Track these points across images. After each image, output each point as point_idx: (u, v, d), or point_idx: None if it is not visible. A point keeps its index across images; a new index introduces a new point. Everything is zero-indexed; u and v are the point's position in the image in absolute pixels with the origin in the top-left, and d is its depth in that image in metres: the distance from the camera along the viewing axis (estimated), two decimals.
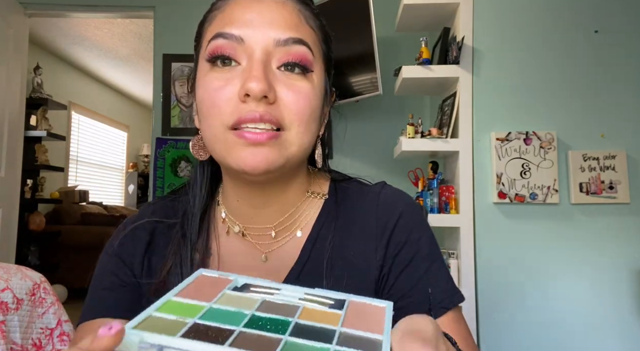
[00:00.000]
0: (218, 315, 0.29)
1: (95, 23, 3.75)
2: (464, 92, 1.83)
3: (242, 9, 0.48)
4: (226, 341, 0.26)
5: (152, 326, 0.27)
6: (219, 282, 0.34)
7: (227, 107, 0.46)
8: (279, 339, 0.27)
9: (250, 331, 0.28)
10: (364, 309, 0.32)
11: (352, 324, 0.30)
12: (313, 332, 0.29)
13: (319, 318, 0.31)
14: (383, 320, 0.31)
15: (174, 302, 0.30)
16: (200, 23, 0.54)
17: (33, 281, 1.21)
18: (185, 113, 2.70)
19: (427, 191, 1.92)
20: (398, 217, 0.55)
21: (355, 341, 0.28)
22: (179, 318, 0.29)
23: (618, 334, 1.68)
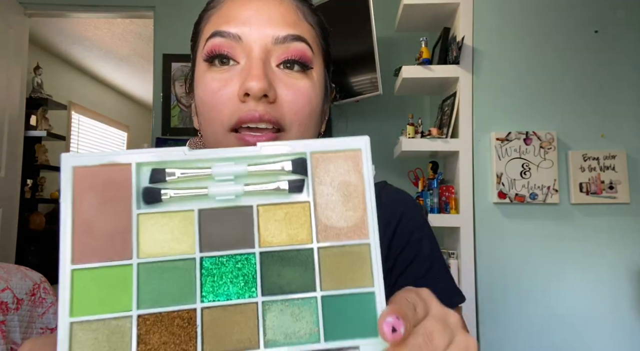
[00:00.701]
0: (156, 283, 0.25)
1: (95, 23, 3.75)
2: (464, 92, 1.83)
3: (239, 7, 0.48)
4: (196, 341, 0.24)
5: None
6: (112, 183, 0.26)
7: (226, 108, 0.46)
8: (253, 305, 0.25)
9: (211, 305, 0.25)
10: (334, 170, 0.27)
11: (325, 223, 0.27)
12: (286, 271, 0.26)
13: (284, 228, 0.26)
14: (362, 192, 0.27)
15: (82, 275, 0.25)
16: (196, 22, 0.54)
17: (33, 281, 1.21)
18: (185, 113, 2.70)
19: (427, 191, 1.92)
20: (400, 217, 0.55)
21: (339, 257, 0.26)
22: (113, 317, 0.24)
23: (618, 334, 1.68)
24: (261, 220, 0.27)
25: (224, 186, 0.27)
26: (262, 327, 0.25)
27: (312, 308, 0.25)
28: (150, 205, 0.26)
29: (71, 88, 4.73)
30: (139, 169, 0.26)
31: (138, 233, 0.26)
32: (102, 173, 0.26)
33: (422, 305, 0.27)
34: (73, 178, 0.25)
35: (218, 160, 0.27)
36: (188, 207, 0.26)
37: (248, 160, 0.27)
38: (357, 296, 0.26)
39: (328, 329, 0.25)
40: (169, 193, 0.26)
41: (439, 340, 0.26)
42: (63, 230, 0.25)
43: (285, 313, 0.25)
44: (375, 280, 0.26)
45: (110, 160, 0.26)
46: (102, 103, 5.32)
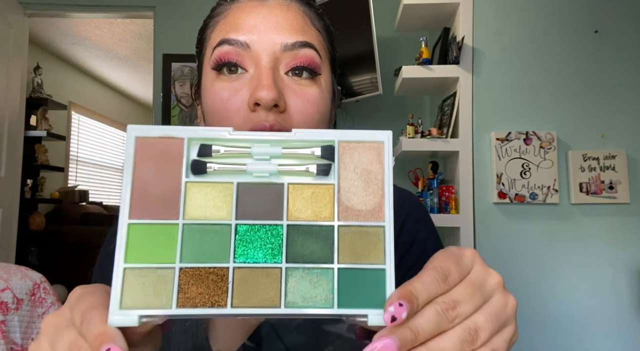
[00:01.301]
0: (196, 243, 0.29)
1: (95, 23, 3.75)
2: (464, 92, 1.83)
3: (246, 14, 0.47)
4: (227, 295, 0.28)
5: (138, 294, 0.27)
6: (166, 153, 0.30)
7: (237, 117, 0.45)
8: (278, 270, 0.29)
9: (242, 266, 0.29)
10: (358, 159, 0.31)
11: (346, 205, 0.30)
12: (309, 243, 0.29)
13: (309, 205, 0.30)
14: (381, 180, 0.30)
15: (137, 229, 0.29)
16: (202, 29, 0.53)
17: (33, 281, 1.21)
18: (185, 113, 2.70)
19: (427, 191, 1.92)
20: (405, 217, 0.55)
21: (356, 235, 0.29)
22: (159, 267, 0.28)
23: (618, 334, 1.68)
24: (290, 196, 0.30)
25: (260, 164, 0.30)
26: (284, 290, 0.28)
27: (329, 278, 0.28)
28: (197, 176, 0.30)
29: (71, 88, 4.73)
30: (190, 143, 0.30)
31: (185, 198, 0.30)
32: (159, 144, 0.30)
33: (458, 272, 0.29)
34: (135, 146, 0.30)
35: (257, 141, 0.31)
36: (228, 179, 0.30)
37: (283, 143, 0.31)
38: (369, 271, 0.29)
39: (341, 297, 0.28)
40: (213, 166, 0.30)
41: (465, 306, 0.28)
42: (124, 189, 0.29)
43: (305, 280, 0.28)
44: (387, 259, 0.29)
45: (166, 134, 0.30)
46: (102, 103, 5.33)
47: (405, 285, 0.28)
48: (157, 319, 0.28)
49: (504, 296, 0.30)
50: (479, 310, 0.28)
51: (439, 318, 0.27)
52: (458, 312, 0.27)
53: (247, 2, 0.49)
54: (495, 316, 0.29)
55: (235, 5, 0.49)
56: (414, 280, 0.28)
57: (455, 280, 0.28)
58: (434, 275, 0.28)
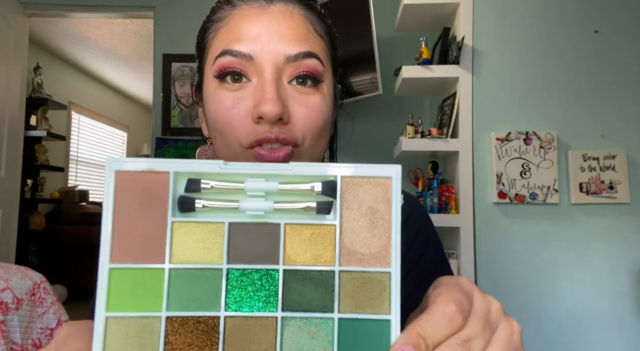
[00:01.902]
0: (184, 289, 0.27)
1: (95, 23, 3.75)
2: (464, 92, 1.83)
3: (248, 23, 0.47)
4: (218, 347, 0.26)
5: (120, 345, 0.26)
6: (151, 189, 0.28)
7: (242, 127, 0.46)
8: (273, 319, 0.27)
9: (234, 315, 0.27)
10: (362, 196, 0.28)
11: (349, 248, 0.28)
12: (307, 290, 0.27)
13: (308, 248, 0.28)
14: (388, 220, 0.28)
15: (119, 274, 0.27)
16: (202, 31, 0.53)
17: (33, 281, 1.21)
18: (185, 113, 2.70)
19: (427, 191, 1.92)
20: (406, 218, 0.55)
21: (359, 282, 0.27)
22: (144, 316, 0.26)
23: (618, 334, 1.68)
24: (287, 238, 0.28)
25: (254, 201, 0.28)
26: (279, 341, 0.26)
27: (329, 328, 0.27)
28: (185, 214, 0.28)
29: (71, 88, 4.74)
30: (176, 178, 0.28)
31: (171, 240, 0.27)
32: (142, 179, 0.28)
33: (469, 305, 0.27)
34: (115, 182, 0.27)
35: (251, 175, 0.28)
36: (219, 219, 0.28)
37: (280, 178, 0.28)
38: (373, 322, 0.27)
39: (342, 349, 0.26)
40: (202, 203, 0.28)
41: (477, 344, 0.26)
42: (104, 230, 0.27)
43: (303, 330, 0.27)
44: (393, 309, 0.27)
45: (150, 168, 0.28)
46: (102, 103, 5.33)
47: (413, 326, 0.26)
48: None
49: (509, 324, 0.29)
50: (490, 345, 0.27)
51: None
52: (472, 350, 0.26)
53: (249, 9, 0.48)
54: (506, 347, 0.28)
55: (237, 11, 0.49)
56: (422, 320, 0.26)
57: (467, 313, 0.27)
58: (445, 310, 0.26)
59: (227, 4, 0.50)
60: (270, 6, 0.48)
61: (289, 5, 0.49)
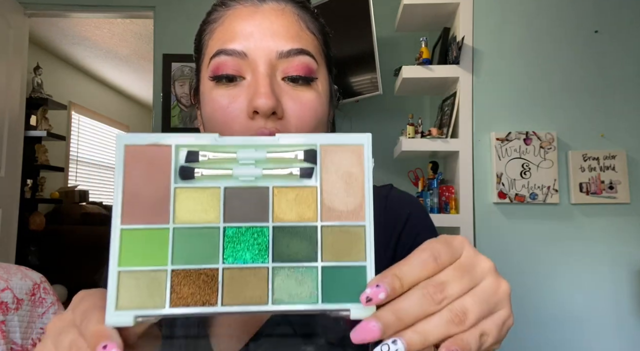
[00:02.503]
0: (187, 245, 0.30)
1: (95, 23, 3.75)
2: (464, 92, 1.83)
3: (241, 21, 0.48)
4: (217, 294, 0.29)
5: (132, 295, 0.29)
6: (155, 160, 0.32)
7: (236, 125, 0.46)
8: (265, 269, 0.30)
9: (231, 266, 0.30)
10: (339, 161, 0.32)
11: (329, 206, 0.31)
12: (293, 244, 0.31)
13: (294, 207, 0.31)
14: (361, 182, 0.32)
15: (129, 234, 0.30)
16: (199, 33, 0.54)
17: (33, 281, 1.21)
18: (185, 113, 2.70)
19: (427, 191, 1.92)
20: (406, 219, 0.55)
21: (338, 235, 0.31)
22: (152, 269, 0.29)
23: (618, 334, 1.68)
24: (275, 199, 0.32)
25: (246, 169, 0.32)
26: (270, 288, 0.30)
27: (313, 275, 0.30)
28: (185, 181, 0.31)
29: (71, 88, 4.74)
30: (178, 150, 0.32)
31: (174, 204, 0.31)
32: (148, 152, 0.31)
33: (448, 254, 0.29)
34: (124, 154, 0.31)
35: (242, 146, 0.32)
36: (215, 184, 0.32)
37: (267, 148, 0.32)
38: (351, 268, 0.30)
39: (325, 293, 0.30)
40: (201, 172, 0.31)
41: (452, 288, 0.28)
42: (116, 196, 0.30)
43: (291, 278, 0.30)
44: (368, 256, 0.31)
45: (155, 141, 0.31)
46: (102, 103, 5.33)
47: (390, 268, 0.28)
48: (152, 319, 0.29)
49: (496, 280, 0.30)
50: (468, 293, 0.28)
51: (424, 301, 0.27)
52: (445, 295, 0.28)
53: (242, 9, 0.49)
54: (485, 299, 0.28)
55: (231, 11, 0.49)
56: (400, 262, 0.29)
57: (444, 263, 0.29)
58: (422, 257, 0.29)
59: (220, 6, 0.51)
60: (263, 5, 0.49)
61: (281, 3, 0.50)
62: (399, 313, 0.27)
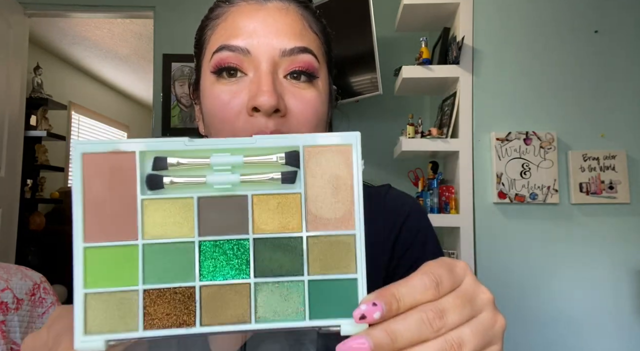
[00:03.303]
0: (159, 262, 0.28)
1: (95, 23, 3.75)
2: (464, 92, 1.83)
3: (245, 18, 0.48)
4: (195, 314, 0.27)
5: (102, 318, 0.27)
6: (118, 169, 0.28)
7: (238, 122, 0.46)
8: (246, 285, 0.28)
9: (209, 284, 0.28)
10: (325, 164, 0.29)
11: (315, 214, 0.29)
12: (277, 256, 0.28)
13: (276, 216, 0.29)
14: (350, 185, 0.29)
15: (94, 253, 0.27)
16: (200, 29, 0.53)
17: (33, 281, 1.21)
18: (185, 113, 2.70)
19: (427, 191, 1.92)
20: (404, 220, 0.55)
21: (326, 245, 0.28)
22: (121, 290, 0.27)
23: (618, 334, 1.68)
24: (255, 208, 0.29)
25: (221, 175, 0.29)
26: (253, 305, 0.28)
27: (300, 290, 0.28)
28: (154, 191, 0.29)
29: (71, 88, 4.73)
30: (143, 157, 0.28)
31: (143, 217, 0.28)
32: (109, 160, 0.28)
33: (450, 281, 0.28)
34: (82, 164, 0.28)
35: (216, 150, 0.29)
36: (188, 194, 0.29)
37: (244, 151, 0.29)
38: (341, 281, 0.28)
39: (313, 309, 0.28)
40: (170, 180, 0.29)
41: (452, 317, 0.27)
42: (75, 211, 0.28)
43: (275, 294, 0.28)
44: (359, 268, 0.28)
45: (115, 148, 0.28)
46: (102, 103, 5.32)
47: (389, 287, 0.27)
48: (126, 342, 0.27)
49: (494, 314, 0.29)
50: (466, 324, 0.27)
51: (422, 326, 0.26)
52: (444, 323, 0.26)
53: (246, 5, 0.49)
54: (482, 332, 0.27)
55: (235, 8, 0.49)
56: (400, 283, 0.27)
57: (445, 289, 0.27)
58: (424, 279, 0.27)
59: (224, 2, 0.51)
60: (267, 3, 0.49)
61: (285, 2, 0.49)
62: (394, 334, 0.25)
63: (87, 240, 0.27)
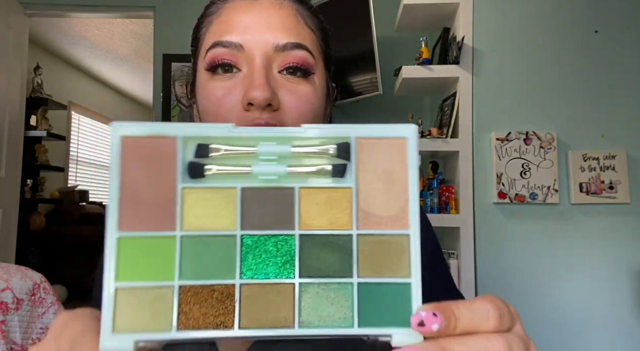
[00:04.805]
0: (197, 257, 0.26)
1: (95, 23, 3.75)
2: (464, 92, 1.83)
3: (239, 14, 0.48)
4: (234, 315, 0.25)
5: (132, 316, 0.25)
6: (158, 155, 0.27)
7: (231, 117, 0.46)
8: (290, 286, 0.26)
9: (249, 282, 0.26)
10: (378, 157, 0.27)
11: (366, 211, 0.27)
12: (324, 255, 0.26)
13: (324, 212, 0.27)
14: (405, 181, 0.27)
15: (128, 243, 0.26)
16: (196, 28, 0.53)
17: (33, 281, 1.21)
18: (185, 113, 2.70)
19: (427, 191, 1.92)
20: None
21: (378, 245, 0.26)
22: (155, 285, 0.25)
23: (618, 334, 1.68)
24: (302, 202, 0.27)
25: (267, 166, 0.27)
26: (297, 308, 0.25)
27: (348, 293, 0.26)
28: (194, 180, 0.27)
29: (71, 88, 4.73)
30: (185, 143, 0.27)
31: (182, 207, 0.26)
32: (149, 144, 0.26)
33: (510, 320, 0.26)
34: (121, 147, 0.26)
35: (262, 139, 0.27)
36: (231, 184, 0.27)
37: (292, 141, 0.27)
38: (393, 285, 0.26)
39: (362, 315, 0.25)
40: (213, 169, 0.27)
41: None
42: (111, 197, 0.26)
43: (321, 296, 0.26)
44: (413, 272, 0.26)
45: (157, 132, 0.26)
46: (102, 103, 5.33)
47: (449, 302, 0.25)
48: (155, 343, 0.25)
49: None
50: None
51: None
52: None
53: (240, 2, 0.49)
54: None
55: (229, 4, 0.49)
56: (460, 302, 0.25)
57: (506, 325, 0.26)
58: (487, 307, 0.25)
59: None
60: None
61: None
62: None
63: (122, 229, 0.26)
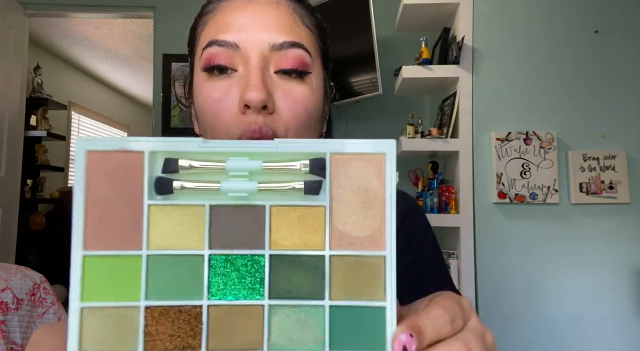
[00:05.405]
0: (164, 276, 0.25)
1: (95, 23, 3.75)
2: (464, 92, 1.83)
3: (234, 13, 0.47)
4: (201, 337, 0.24)
5: (98, 337, 0.24)
6: (124, 170, 0.26)
7: (230, 119, 0.45)
8: (259, 307, 0.25)
9: (218, 303, 0.25)
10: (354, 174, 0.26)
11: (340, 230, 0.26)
12: (295, 276, 0.25)
13: (296, 231, 0.26)
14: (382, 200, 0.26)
15: (94, 262, 0.25)
16: (192, 27, 0.53)
17: (33, 281, 1.21)
18: (185, 113, 2.70)
19: (427, 191, 1.92)
20: (402, 218, 0.55)
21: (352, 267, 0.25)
22: (121, 306, 0.25)
23: (618, 334, 1.68)
24: (273, 221, 0.26)
25: (237, 182, 0.26)
26: (267, 330, 0.25)
27: (320, 316, 0.25)
28: (162, 196, 0.26)
29: (71, 88, 4.73)
30: (152, 158, 0.26)
31: (149, 224, 0.26)
32: (115, 159, 0.26)
33: (462, 317, 0.27)
34: (86, 162, 0.25)
35: (232, 154, 0.26)
36: (199, 201, 0.26)
37: (264, 156, 0.26)
38: (367, 309, 0.25)
39: (334, 339, 0.25)
40: (181, 184, 0.26)
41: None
42: (76, 214, 0.25)
43: (292, 319, 0.25)
44: (388, 295, 0.25)
45: (123, 147, 0.26)
46: (102, 103, 5.32)
47: (413, 318, 0.25)
48: None
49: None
50: None
51: None
52: None
53: (236, 1, 0.48)
54: None
55: (224, 3, 0.49)
56: (420, 315, 0.25)
57: (459, 326, 0.26)
58: (442, 313, 0.25)
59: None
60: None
61: None
62: None
63: (87, 248, 0.25)
